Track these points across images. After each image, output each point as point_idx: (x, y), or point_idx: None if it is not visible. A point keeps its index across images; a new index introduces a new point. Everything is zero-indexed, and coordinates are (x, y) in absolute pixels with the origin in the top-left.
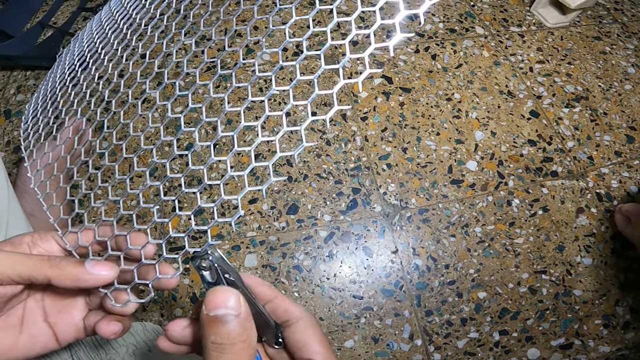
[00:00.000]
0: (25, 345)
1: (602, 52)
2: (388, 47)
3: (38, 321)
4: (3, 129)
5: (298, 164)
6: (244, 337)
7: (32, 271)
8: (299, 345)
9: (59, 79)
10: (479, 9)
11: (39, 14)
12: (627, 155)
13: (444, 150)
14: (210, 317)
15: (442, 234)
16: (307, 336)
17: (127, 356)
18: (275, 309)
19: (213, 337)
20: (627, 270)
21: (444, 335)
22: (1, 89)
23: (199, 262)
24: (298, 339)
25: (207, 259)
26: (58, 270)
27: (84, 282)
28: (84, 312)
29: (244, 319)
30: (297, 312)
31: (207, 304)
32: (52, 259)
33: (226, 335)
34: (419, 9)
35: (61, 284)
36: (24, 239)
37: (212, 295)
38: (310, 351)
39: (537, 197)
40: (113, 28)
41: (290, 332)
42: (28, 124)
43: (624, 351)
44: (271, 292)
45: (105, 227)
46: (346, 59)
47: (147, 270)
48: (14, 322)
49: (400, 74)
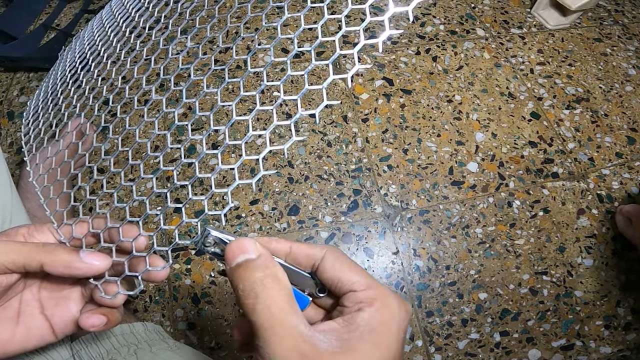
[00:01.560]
0: (22, 338)
1: (602, 54)
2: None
3: (34, 313)
4: (6, 130)
5: (299, 165)
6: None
7: (26, 258)
8: (334, 283)
9: (60, 79)
10: (479, 10)
11: (42, 16)
12: (628, 156)
13: (445, 152)
14: (233, 269)
15: (443, 235)
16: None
17: (129, 356)
18: (296, 259)
19: (241, 285)
20: (628, 272)
21: (444, 336)
22: (4, 90)
23: (203, 243)
24: (331, 277)
25: (209, 235)
26: (52, 256)
27: (75, 269)
28: (80, 304)
29: (265, 259)
30: (317, 251)
31: (227, 258)
32: (46, 245)
33: (252, 278)
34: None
35: (53, 270)
36: (19, 231)
37: (229, 248)
38: (347, 283)
39: (538, 198)
40: (114, 28)
41: (321, 274)
42: (29, 126)
43: (626, 352)
44: (284, 244)
45: (99, 219)
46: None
47: (138, 263)
48: (11, 315)
49: (401, 76)
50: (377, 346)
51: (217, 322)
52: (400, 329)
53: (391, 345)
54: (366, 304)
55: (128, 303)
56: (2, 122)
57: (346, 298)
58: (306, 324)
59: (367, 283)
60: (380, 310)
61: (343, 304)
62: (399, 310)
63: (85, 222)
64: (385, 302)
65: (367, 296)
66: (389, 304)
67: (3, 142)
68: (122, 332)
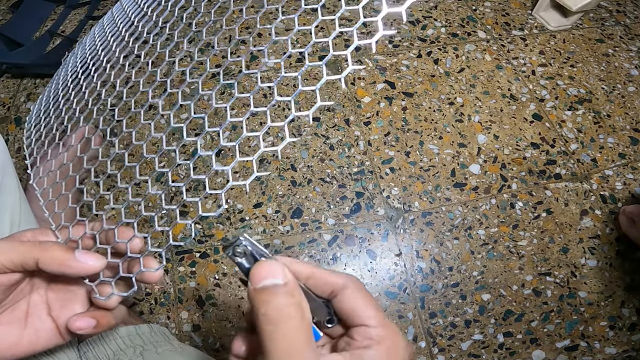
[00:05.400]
0: (30, 340)
1: (604, 55)
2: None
3: (42, 315)
4: (14, 135)
5: (302, 168)
6: (294, 305)
7: (23, 255)
8: (349, 314)
9: (61, 84)
10: (480, 13)
11: (48, 23)
12: (631, 157)
13: (447, 154)
14: (258, 290)
15: (446, 236)
16: (355, 302)
17: (135, 357)
18: (317, 284)
19: (263, 309)
20: (633, 272)
21: (447, 337)
22: (12, 97)
23: (233, 250)
24: (347, 307)
25: (241, 245)
26: (47, 253)
27: (69, 267)
28: (86, 306)
29: (292, 287)
30: (340, 281)
31: (254, 278)
32: (43, 243)
33: (276, 305)
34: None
35: (48, 267)
36: (24, 234)
37: (257, 269)
38: (362, 317)
39: (541, 199)
40: (115, 35)
41: (337, 302)
42: (31, 130)
43: (631, 353)
44: (308, 268)
45: (97, 222)
46: (329, 55)
47: (133, 264)
48: (20, 316)
49: (402, 79)
50: None
51: (221, 324)
52: None
53: None
54: (375, 342)
55: (134, 305)
56: (9, 127)
57: (357, 331)
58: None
59: (381, 320)
60: (389, 351)
61: (352, 337)
62: (404, 353)
63: (83, 224)
64: (394, 343)
65: (379, 334)
66: (397, 345)
67: (11, 147)
68: (128, 334)
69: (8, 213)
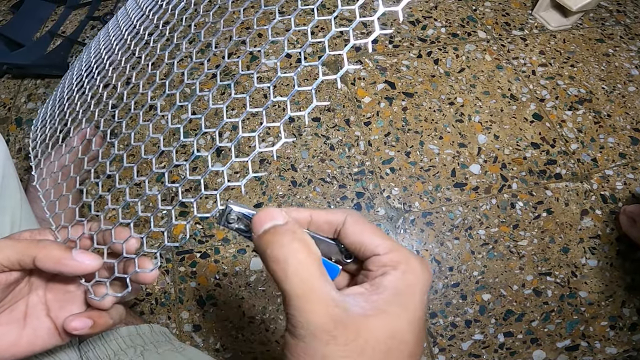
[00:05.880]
0: (29, 340)
1: (605, 54)
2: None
3: (41, 316)
4: (14, 136)
5: (302, 168)
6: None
7: (20, 253)
8: (357, 247)
9: (67, 87)
10: (480, 13)
11: (48, 23)
12: (632, 156)
13: (447, 154)
14: (261, 236)
15: (446, 236)
16: (359, 235)
17: (136, 357)
18: (318, 226)
19: (269, 250)
20: (633, 272)
21: (448, 337)
22: (12, 97)
23: (226, 219)
24: (353, 241)
25: (232, 212)
26: (44, 251)
27: (64, 266)
28: (84, 307)
29: (293, 225)
30: (337, 217)
31: (255, 226)
32: (41, 241)
33: (280, 242)
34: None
35: (44, 265)
36: (23, 234)
37: (257, 217)
38: (370, 247)
39: (541, 199)
40: (118, 38)
41: (343, 239)
42: (37, 132)
43: (632, 352)
44: (306, 212)
45: (96, 222)
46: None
47: (129, 265)
48: (18, 317)
49: (403, 79)
50: (405, 308)
51: (222, 324)
52: (423, 292)
53: (417, 307)
54: (391, 267)
55: (134, 305)
56: (10, 128)
57: (370, 262)
58: (336, 289)
59: (389, 246)
60: (406, 273)
61: (368, 268)
62: (422, 273)
63: (81, 225)
64: (409, 264)
65: (391, 259)
66: (413, 266)
67: (12, 148)
68: (129, 334)
69: (9, 213)
